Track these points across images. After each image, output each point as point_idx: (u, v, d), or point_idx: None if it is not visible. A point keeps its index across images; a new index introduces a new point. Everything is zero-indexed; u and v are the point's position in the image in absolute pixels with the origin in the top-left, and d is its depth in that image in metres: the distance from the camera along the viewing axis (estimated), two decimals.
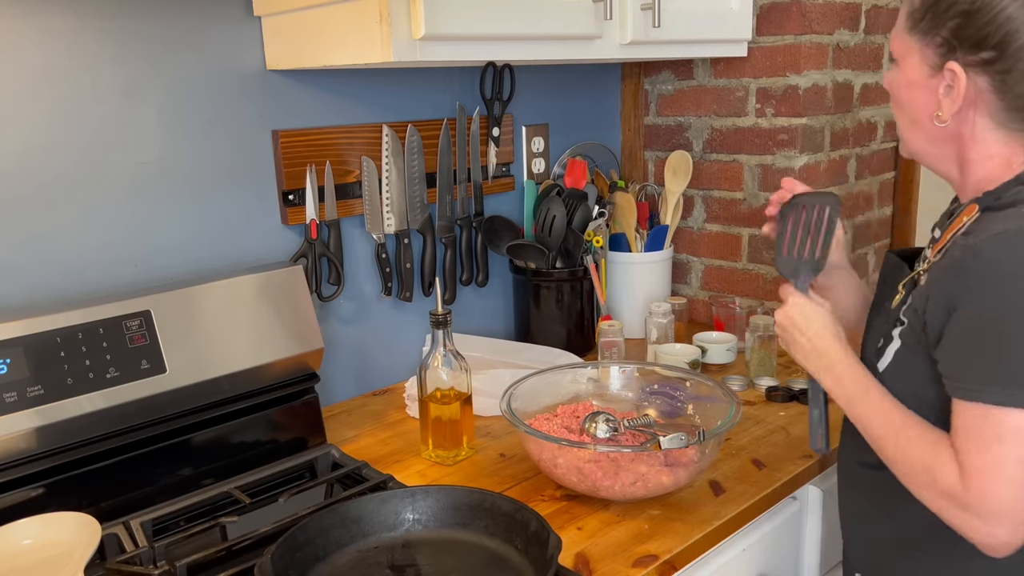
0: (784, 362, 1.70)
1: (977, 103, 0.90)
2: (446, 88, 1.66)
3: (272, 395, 1.32)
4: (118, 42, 1.25)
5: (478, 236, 1.72)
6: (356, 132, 1.52)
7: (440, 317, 1.29)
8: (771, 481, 1.22)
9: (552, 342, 1.71)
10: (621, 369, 1.41)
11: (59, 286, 1.24)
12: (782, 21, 1.74)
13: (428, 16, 1.15)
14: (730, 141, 1.88)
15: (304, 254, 1.47)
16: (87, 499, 1.14)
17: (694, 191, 1.96)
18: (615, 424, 1.22)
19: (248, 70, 1.39)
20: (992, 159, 0.93)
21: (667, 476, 1.13)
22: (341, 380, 1.59)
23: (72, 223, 1.24)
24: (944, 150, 0.96)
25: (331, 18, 1.24)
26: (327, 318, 1.54)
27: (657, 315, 1.69)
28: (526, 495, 1.19)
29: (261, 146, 1.43)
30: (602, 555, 1.05)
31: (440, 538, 1.05)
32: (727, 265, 1.94)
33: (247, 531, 1.07)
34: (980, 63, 0.87)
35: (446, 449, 1.31)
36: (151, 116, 1.30)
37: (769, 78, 1.78)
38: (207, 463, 1.25)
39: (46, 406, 1.09)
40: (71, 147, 1.23)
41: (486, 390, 1.44)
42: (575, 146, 1.94)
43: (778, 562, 1.30)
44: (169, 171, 1.33)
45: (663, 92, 1.98)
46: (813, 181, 1.82)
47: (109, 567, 1.03)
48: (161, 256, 1.34)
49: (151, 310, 1.19)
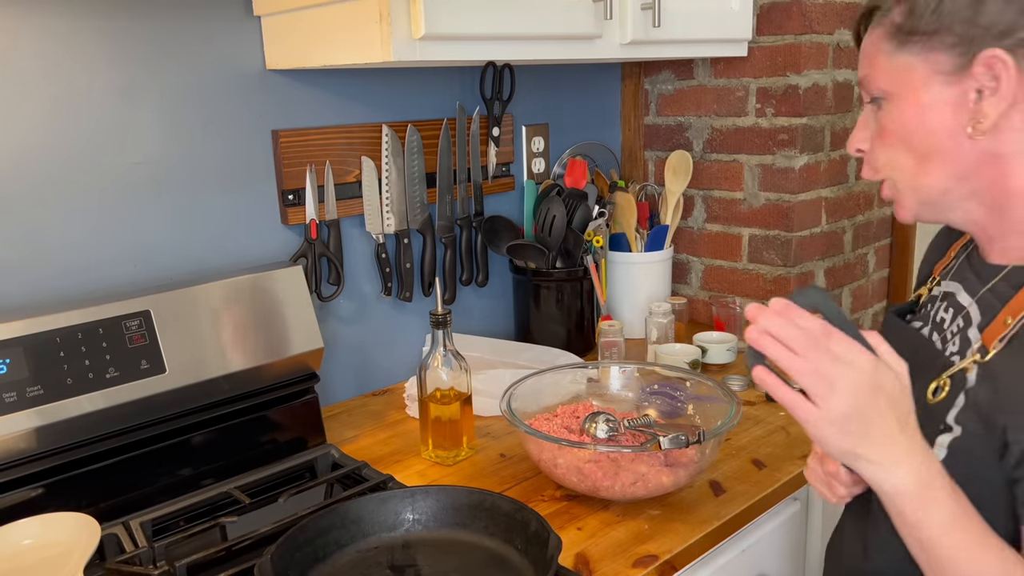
0: None
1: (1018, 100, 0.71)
2: (446, 88, 1.66)
3: (272, 395, 1.32)
4: (117, 42, 1.25)
5: (478, 236, 1.72)
6: (356, 132, 1.52)
7: (440, 317, 1.29)
8: (771, 481, 1.22)
9: (552, 342, 1.71)
10: (621, 369, 1.41)
11: (59, 286, 1.24)
12: (782, 21, 1.74)
13: (428, 16, 1.15)
14: (730, 141, 1.87)
15: (304, 254, 1.47)
16: (87, 499, 1.14)
17: (694, 191, 1.96)
18: (615, 424, 1.22)
19: (248, 70, 1.39)
20: None
21: (667, 476, 1.13)
22: (341, 380, 1.59)
23: (72, 223, 1.24)
24: (973, 184, 0.75)
25: (331, 18, 1.23)
26: (327, 318, 1.54)
27: (657, 315, 1.69)
28: (526, 495, 1.19)
29: (261, 146, 1.43)
30: (602, 555, 1.05)
31: (440, 538, 1.05)
32: (727, 265, 1.94)
33: (247, 531, 1.06)
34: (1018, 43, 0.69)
35: (446, 449, 1.31)
36: (150, 116, 1.30)
37: (769, 78, 1.78)
38: (207, 463, 1.25)
39: (46, 406, 1.09)
40: (70, 147, 1.23)
41: (486, 390, 1.44)
42: (575, 146, 1.94)
43: (778, 562, 1.30)
44: (169, 171, 1.33)
45: (663, 92, 1.98)
46: (813, 181, 1.82)
47: (109, 567, 1.03)
48: (161, 256, 1.34)
49: (151, 310, 1.19)
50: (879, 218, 2.08)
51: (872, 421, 0.67)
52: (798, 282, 1.85)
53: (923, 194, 0.78)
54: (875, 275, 2.13)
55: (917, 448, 0.68)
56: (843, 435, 0.67)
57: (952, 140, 0.74)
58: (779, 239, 1.83)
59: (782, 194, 1.81)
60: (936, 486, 0.68)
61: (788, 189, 1.80)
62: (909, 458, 0.68)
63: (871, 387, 0.67)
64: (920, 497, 0.68)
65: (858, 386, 0.66)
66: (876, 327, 2.11)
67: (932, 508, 0.67)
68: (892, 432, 0.67)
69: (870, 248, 2.08)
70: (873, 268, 2.11)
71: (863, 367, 0.67)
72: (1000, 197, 0.75)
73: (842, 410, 0.66)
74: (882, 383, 0.67)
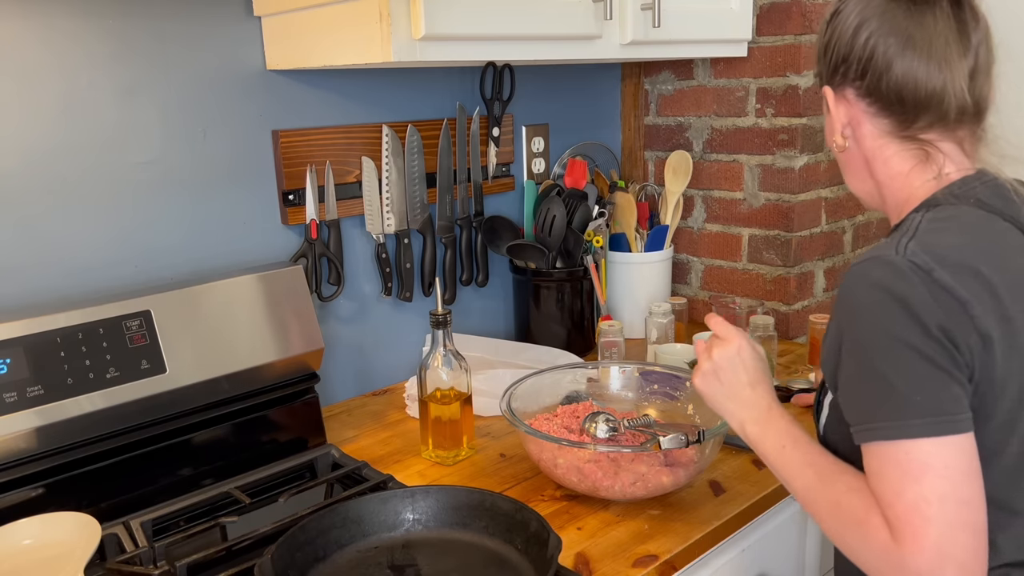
0: (784, 362, 1.70)
1: (858, 117, 0.93)
2: (446, 88, 1.66)
3: (272, 395, 1.32)
4: (118, 42, 1.25)
5: (478, 236, 1.72)
6: (356, 132, 1.52)
7: (440, 317, 1.29)
8: (771, 481, 1.22)
9: (552, 342, 1.71)
10: (621, 369, 1.41)
11: (59, 286, 1.24)
12: (782, 21, 1.74)
13: (428, 16, 1.15)
14: (730, 141, 1.88)
15: (304, 254, 1.47)
16: (87, 499, 1.14)
17: (694, 191, 1.96)
18: (615, 424, 1.22)
19: (248, 70, 1.39)
20: (895, 179, 0.93)
21: (667, 476, 1.13)
22: (341, 380, 1.59)
23: (72, 223, 1.24)
24: (866, 182, 0.97)
25: (331, 18, 1.24)
26: (327, 318, 1.54)
27: (657, 315, 1.69)
28: (526, 495, 1.19)
29: (261, 146, 1.43)
30: (602, 555, 1.05)
31: (440, 538, 1.05)
32: (727, 265, 1.94)
33: (247, 531, 1.06)
34: (841, 78, 0.93)
35: (446, 449, 1.31)
36: (151, 116, 1.30)
37: (769, 78, 1.78)
38: (207, 463, 1.25)
39: (46, 406, 1.09)
40: (70, 147, 1.23)
41: (486, 390, 1.44)
42: (575, 146, 1.94)
43: (778, 562, 1.30)
44: (169, 171, 1.33)
45: (663, 92, 1.98)
46: (813, 181, 1.82)
47: (109, 567, 1.03)
48: (161, 256, 1.34)
49: (151, 310, 1.19)
50: (879, 218, 2.08)
51: (727, 378, 0.97)
52: (798, 282, 1.85)
53: (853, 190, 1.01)
54: None
55: (761, 402, 0.95)
56: (706, 384, 0.99)
57: (837, 151, 0.98)
58: (779, 239, 1.83)
59: (782, 194, 1.81)
60: (770, 427, 0.93)
61: (788, 189, 1.80)
62: (752, 407, 0.95)
63: (730, 356, 0.97)
64: (756, 433, 0.94)
65: (722, 354, 0.98)
66: None
67: (766, 440, 0.93)
68: (742, 387, 0.96)
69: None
70: None
71: (728, 343, 0.98)
72: (879, 190, 0.96)
73: (705, 367, 0.99)
74: (740, 354, 0.97)
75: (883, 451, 0.78)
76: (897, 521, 0.75)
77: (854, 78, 0.91)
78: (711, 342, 1.00)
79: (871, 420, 0.79)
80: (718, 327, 1.00)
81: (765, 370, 0.98)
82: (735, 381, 0.97)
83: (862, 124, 0.93)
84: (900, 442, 0.76)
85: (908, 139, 0.90)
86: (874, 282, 0.80)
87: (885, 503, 0.77)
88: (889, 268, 0.80)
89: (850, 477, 0.83)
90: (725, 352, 0.97)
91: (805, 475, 0.87)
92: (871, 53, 0.88)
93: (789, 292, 1.84)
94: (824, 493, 0.85)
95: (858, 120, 0.93)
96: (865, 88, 0.90)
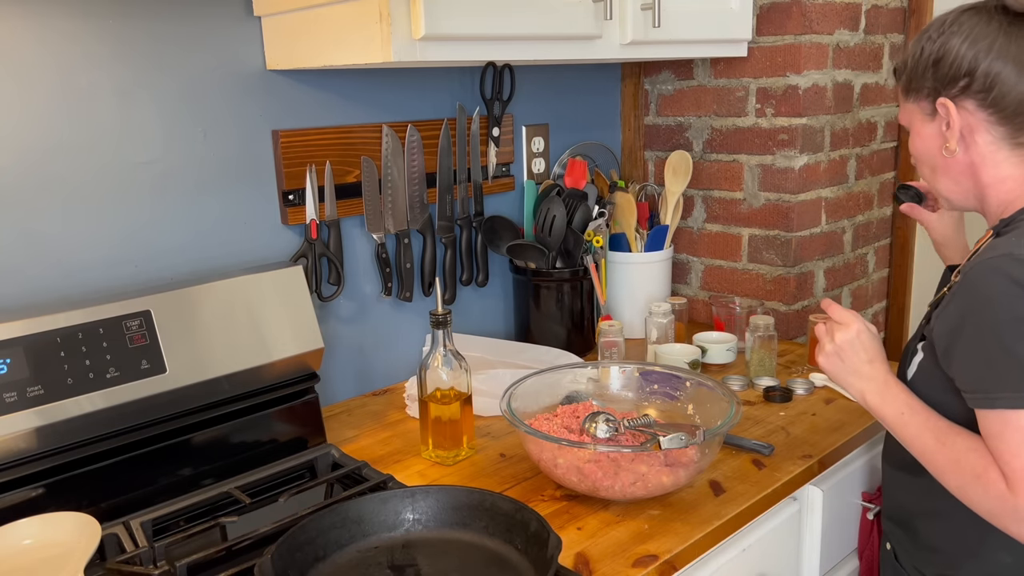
0: (784, 362, 1.70)
1: (974, 126, 1.02)
2: (446, 88, 1.66)
3: (272, 395, 1.32)
4: (117, 42, 1.25)
5: (478, 236, 1.72)
6: (356, 132, 1.52)
7: (440, 317, 1.29)
8: (771, 481, 1.22)
9: (552, 342, 1.71)
10: (621, 369, 1.41)
11: (59, 286, 1.24)
12: (782, 21, 1.74)
13: (428, 16, 1.15)
14: (730, 141, 1.88)
15: (304, 254, 1.47)
16: (87, 499, 1.14)
17: (694, 191, 1.96)
18: (615, 424, 1.22)
19: (248, 70, 1.39)
20: (1004, 181, 1.03)
21: (667, 476, 1.13)
22: (341, 380, 1.59)
23: (72, 223, 1.24)
24: (965, 184, 1.07)
25: (331, 18, 1.24)
26: (327, 318, 1.54)
27: (657, 315, 1.69)
28: (526, 495, 1.19)
29: (261, 146, 1.43)
30: (602, 555, 1.05)
31: (440, 538, 1.05)
32: (727, 265, 1.94)
33: (247, 531, 1.07)
34: (961, 90, 1.01)
35: (446, 449, 1.31)
36: (151, 116, 1.30)
37: (769, 78, 1.78)
38: (207, 463, 1.25)
39: (46, 406, 1.09)
40: (70, 146, 1.23)
41: (486, 390, 1.44)
42: (575, 146, 1.94)
43: (778, 562, 1.30)
44: (169, 171, 1.33)
45: (663, 92, 1.98)
46: (813, 181, 1.82)
47: (109, 567, 1.03)
48: (161, 256, 1.34)
49: (151, 310, 1.19)
50: (879, 218, 2.08)
51: (848, 357, 1.09)
52: (798, 282, 1.85)
53: (943, 195, 1.11)
54: (875, 275, 2.13)
55: (879, 376, 1.07)
56: (830, 364, 1.11)
57: (940, 156, 1.07)
58: (779, 239, 1.83)
59: (782, 194, 1.81)
60: (888, 397, 1.05)
61: (788, 189, 1.80)
62: (871, 380, 1.07)
63: (850, 339, 1.09)
64: (877, 403, 1.06)
65: (843, 337, 1.09)
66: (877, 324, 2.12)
67: (885, 407, 1.05)
68: (862, 363, 1.08)
69: (870, 248, 2.08)
70: (873, 268, 2.11)
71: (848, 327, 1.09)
72: (981, 192, 1.06)
73: (828, 349, 1.10)
74: (860, 337, 1.08)
75: (1005, 417, 0.91)
76: (1014, 475, 0.90)
77: (978, 90, 1.00)
78: (831, 326, 1.11)
79: (995, 390, 0.92)
80: (836, 313, 1.11)
81: (880, 349, 1.10)
82: (856, 359, 1.08)
83: (978, 132, 1.02)
84: (1021, 411, 0.91)
85: (1020, 146, 1.01)
86: (1012, 278, 0.92)
87: (1003, 460, 0.91)
88: (1020, 265, 0.93)
89: (965, 437, 0.97)
90: (846, 335, 1.09)
91: (924, 437, 1.01)
92: (998, 69, 0.98)
93: (789, 292, 1.85)
94: (944, 452, 0.98)
95: (974, 128, 1.02)
96: (990, 100, 0.99)
